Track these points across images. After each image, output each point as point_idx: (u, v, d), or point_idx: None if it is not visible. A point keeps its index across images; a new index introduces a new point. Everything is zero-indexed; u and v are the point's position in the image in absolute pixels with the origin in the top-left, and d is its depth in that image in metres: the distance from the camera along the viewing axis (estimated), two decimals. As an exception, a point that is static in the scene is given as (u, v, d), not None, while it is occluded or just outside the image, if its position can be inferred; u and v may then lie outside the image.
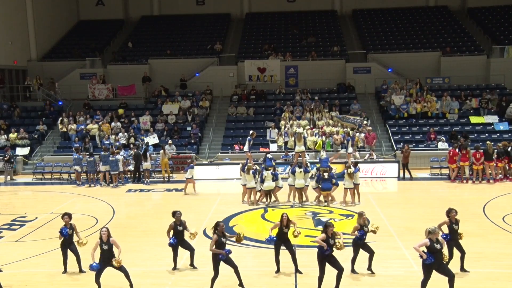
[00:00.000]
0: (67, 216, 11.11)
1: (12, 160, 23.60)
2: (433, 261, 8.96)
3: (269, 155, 18.18)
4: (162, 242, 12.88)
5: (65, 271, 11.05)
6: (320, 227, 14.15)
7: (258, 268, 11.00)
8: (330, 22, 37.40)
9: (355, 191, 16.98)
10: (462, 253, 10.51)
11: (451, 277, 9.08)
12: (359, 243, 10.59)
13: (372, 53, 32.23)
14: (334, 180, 16.86)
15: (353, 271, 10.64)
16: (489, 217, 14.72)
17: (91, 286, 10.36)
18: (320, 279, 9.63)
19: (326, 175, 16.66)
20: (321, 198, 17.04)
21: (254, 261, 11.42)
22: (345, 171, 16.82)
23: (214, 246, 9.81)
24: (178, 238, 11.12)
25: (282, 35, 36.10)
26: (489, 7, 36.40)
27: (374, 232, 10.75)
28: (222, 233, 9.96)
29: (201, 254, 11.94)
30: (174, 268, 11.17)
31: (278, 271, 10.83)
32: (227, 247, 10.00)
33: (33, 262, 11.80)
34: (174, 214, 11.19)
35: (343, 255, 10.43)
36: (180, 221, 11.17)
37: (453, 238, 10.38)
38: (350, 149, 19.83)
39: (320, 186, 16.81)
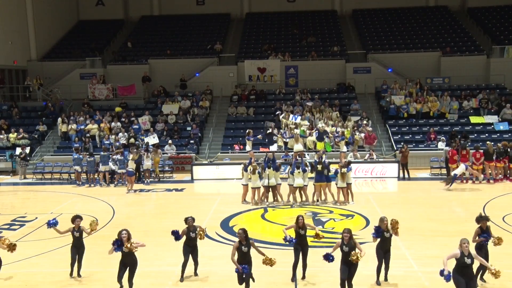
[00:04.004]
0: (79, 219, 10.83)
1: (28, 158, 23.82)
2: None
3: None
4: (162, 242, 12.90)
5: (71, 274, 10.78)
6: (320, 227, 14.19)
7: (258, 268, 10.99)
8: (330, 22, 37.41)
9: (348, 190, 17.01)
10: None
11: None
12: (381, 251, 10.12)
13: (372, 53, 32.23)
14: (326, 172, 16.84)
15: (378, 283, 10.13)
16: (489, 217, 14.69)
17: (91, 286, 10.36)
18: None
19: (320, 167, 16.69)
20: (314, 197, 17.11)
21: (254, 261, 11.40)
22: (338, 170, 16.83)
23: (234, 255, 9.50)
24: (190, 244, 10.70)
25: (282, 35, 36.10)
26: (489, 7, 36.42)
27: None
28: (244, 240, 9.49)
29: (201, 254, 11.93)
30: (181, 279, 10.59)
31: (294, 279, 10.37)
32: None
33: (33, 262, 11.79)
34: (186, 220, 10.70)
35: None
36: (194, 227, 10.69)
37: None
38: (344, 148, 19.84)
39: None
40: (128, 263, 9.67)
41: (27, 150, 24.60)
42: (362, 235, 13.05)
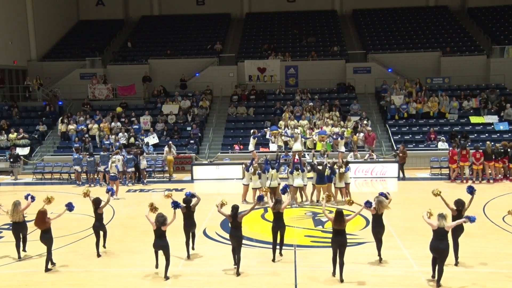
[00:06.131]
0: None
1: (18, 159, 23.70)
2: None
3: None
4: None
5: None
6: (320, 227, 14.21)
7: (259, 268, 11.00)
8: (330, 22, 37.41)
9: (346, 190, 16.99)
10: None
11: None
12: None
13: (372, 53, 32.23)
14: (328, 172, 16.76)
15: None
16: (489, 217, 14.72)
17: (91, 286, 10.36)
18: None
19: (320, 167, 16.67)
20: (314, 197, 17.10)
21: (255, 261, 11.43)
22: (337, 170, 16.80)
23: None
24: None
25: (282, 35, 36.10)
26: (489, 7, 36.42)
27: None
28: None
29: (202, 254, 11.97)
30: (188, 256, 11.64)
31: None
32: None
33: (33, 262, 11.79)
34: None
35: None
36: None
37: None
38: (343, 149, 19.86)
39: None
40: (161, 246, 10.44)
41: (23, 150, 24.62)
42: (362, 235, 13.06)
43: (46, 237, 11.12)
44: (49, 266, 11.15)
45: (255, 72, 30.94)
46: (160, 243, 10.40)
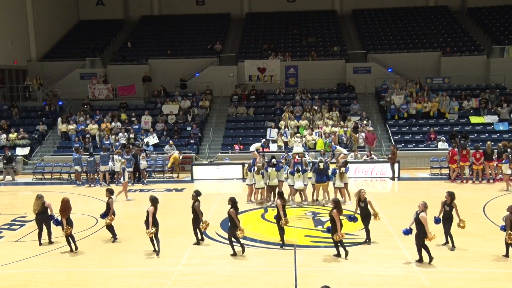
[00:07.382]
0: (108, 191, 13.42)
1: (5, 161, 23.36)
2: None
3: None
4: (162, 242, 12.89)
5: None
6: (320, 227, 14.21)
7: (258, 268, 11.01)
8: (330, 22, 37.41)
9: (345, 190, 16.98)
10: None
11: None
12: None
13: (372, 53, 32.22)
14: (329, 171, 16.80)
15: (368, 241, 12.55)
16: (489, 217, 14.73)
17: (91, 286, 10.37)
18: None
19: (322, 165, 16.66)
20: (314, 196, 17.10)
21: (254, 261, 11.43)
22: (337, 170, 16.79)
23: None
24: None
25: (282, 35, 36.10)
26: (489, 7, 36.41)
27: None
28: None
29: (201, 254, 11.99)
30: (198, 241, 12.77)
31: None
32: None
33: (33, 262, 11.80)
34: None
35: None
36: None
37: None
38: (345, 151, 19.90)
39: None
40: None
41: (23, 150, 24.52)
42: (361, 235, 13.05)
43: (68, 222, 12.32)
44: (73, 248, 12.29)
45: (255, 72, 30.94)
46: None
